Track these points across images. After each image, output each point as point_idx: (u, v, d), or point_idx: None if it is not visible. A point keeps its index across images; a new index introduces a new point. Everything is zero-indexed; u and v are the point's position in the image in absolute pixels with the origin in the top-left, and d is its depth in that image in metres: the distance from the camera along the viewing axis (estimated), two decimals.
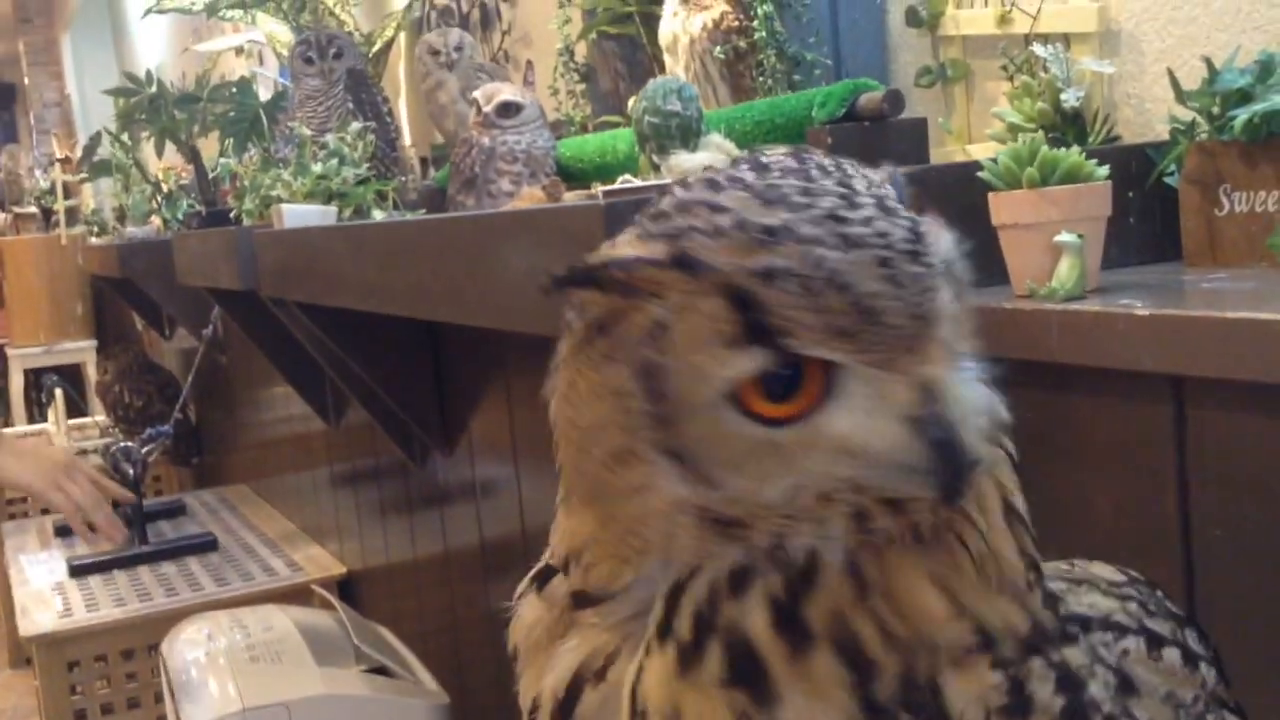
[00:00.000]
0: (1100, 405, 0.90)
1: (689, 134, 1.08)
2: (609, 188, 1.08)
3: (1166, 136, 1.10)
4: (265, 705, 1.79)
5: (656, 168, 1.10)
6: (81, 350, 4.71)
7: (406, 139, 2.91)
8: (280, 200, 1.94)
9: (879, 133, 1.17)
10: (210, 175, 2.78)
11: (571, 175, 1.77)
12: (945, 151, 1.50)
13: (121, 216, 3.85)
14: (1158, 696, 0.57)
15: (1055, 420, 0.94)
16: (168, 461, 4.09)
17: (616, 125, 1.82)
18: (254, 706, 1.78)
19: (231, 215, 2.38)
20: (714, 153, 1.04)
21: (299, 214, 1.88)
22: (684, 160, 1.03)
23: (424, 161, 2.78)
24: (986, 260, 1.03)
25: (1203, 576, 0.84)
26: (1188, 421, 0.83)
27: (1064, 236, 0.92)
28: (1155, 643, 0.59)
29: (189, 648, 2.07)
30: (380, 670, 2.01)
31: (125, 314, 4.76)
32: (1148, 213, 1.12)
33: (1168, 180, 1.10)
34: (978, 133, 1.49)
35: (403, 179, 2.42)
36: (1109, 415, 0.89)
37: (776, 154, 0.52)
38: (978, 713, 0.52)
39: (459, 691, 2.17)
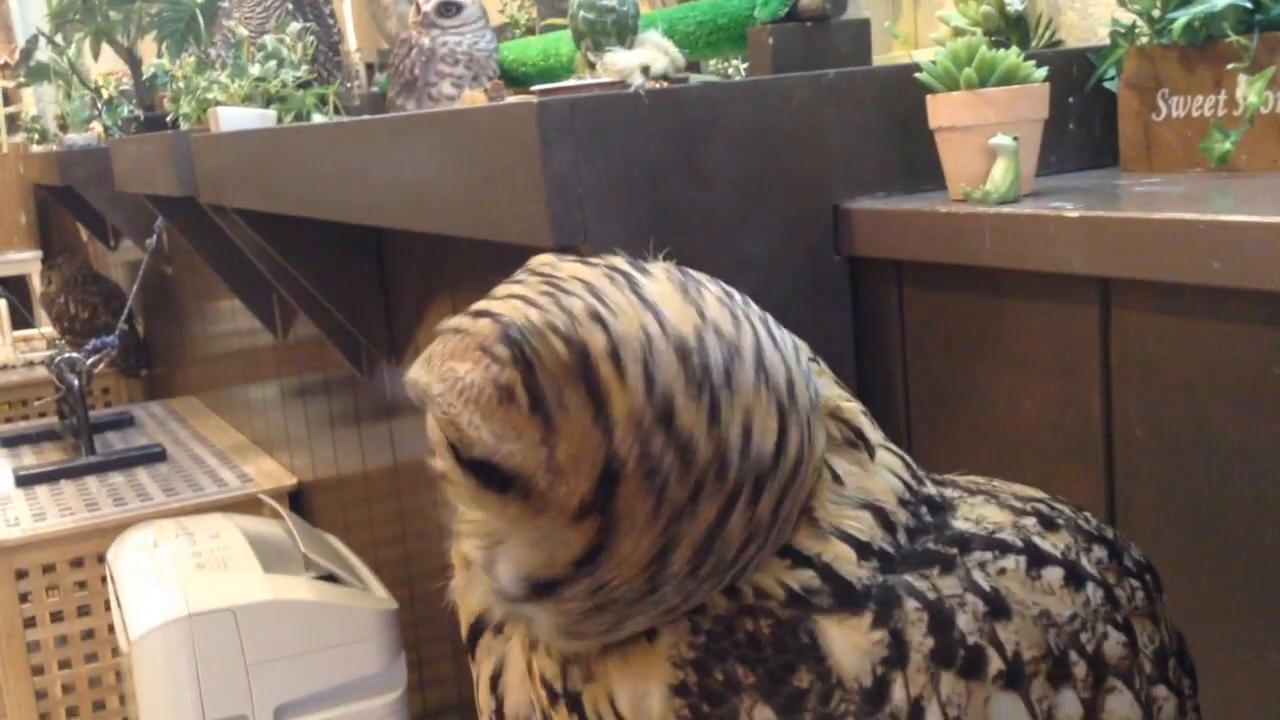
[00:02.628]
0: (1030, 309, 0.90)
1: (625, 31, 1.05)
2: (545, 87, 1.06)
3: (1109, 41, 1.09)
4: (211, 610, 1.79)
5: (592, 66, 1.08)
6: (26, 261, 4.61)
7: (351, 44, 2.84)
8: (217, 103, 1.89)
9: (821, 33, 1.15)
10: (141, 78, 2.69)
11: (515, 79, 1.73)
12: (891, 57, 1.48)
13: (64, 124, 3.74)
14: (1029, 616, 0.59)
15: (987, 324, 0.94)
16: (116, 373, 4.04)
17: (562, 28, 1.78)
18: (200, 612, 1.78)
19: (168, 119, 2.32)
20: (651, 51, 1.02)
21: (236, 117, 1.83)
22: (620, 58, 1.00)
23: (369, 67, 2.71)
24: (923, 166, 1.03)
25: (1123, 475, 0.85)
26: (1112, 323, 0.83)
27: (999, 139, 0.92)
28: (1037, 561, 0.61)
29: (135, 554, 2.06)
30: (329, 577, 2.01)
31: (70, 224, 4.66)
32: (1087, 118, 1.11)
33: (1108, 85, 1.09)
34: (924, 38, 1.47)
35: (347, 85, 2.36)
36: (1038, 318, 0.89)
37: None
38: (867, 672, 0.55)
39: (408, 599, 2.18)
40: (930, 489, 0.62)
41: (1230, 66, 0.94)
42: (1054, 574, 0.61)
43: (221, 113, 1.87)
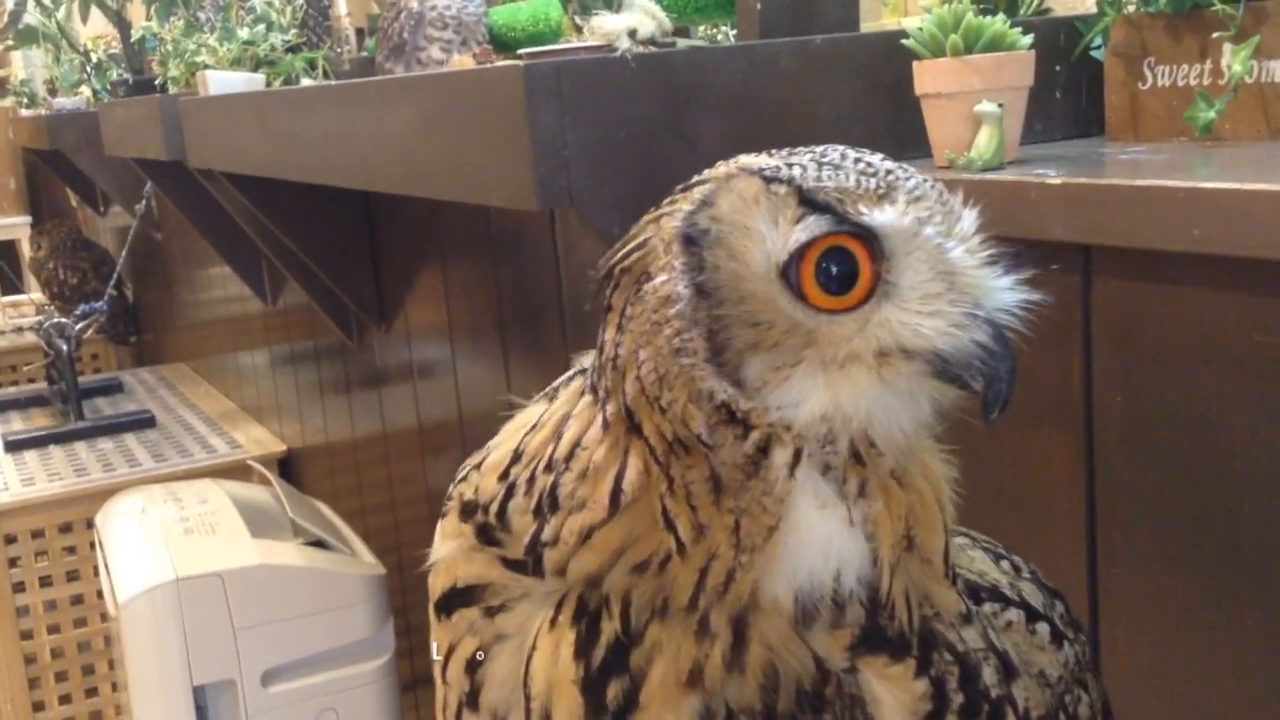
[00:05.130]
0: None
1: None
2: (531, 50, 1.05)
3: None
4: (199, 575, 1.79)
5: (579, 29, 1.07)
6: (15, 226, 4.59)
7: (342, 8, 2.82)
8: (205, 67, 1.88)
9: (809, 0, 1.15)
10: (129, 40, 2.68)
11: (504, 44, 1.73)
12: (881, 24, 1.48)
13: (53, 88, 3.72)
14: (1032, 674, 0.59)
15: None
16: (105, 340, 4.04)
17: None
18: (187, 576, 1.79)
19: (157, 83, 2.31)
20: (639, 15, 1.01)
21: (224, 81, 1.82)
22: (606, 22, 1.00)
23: (359, 33, 2.70)
24: (909, 133, 1.03)
25: (1101, 440, 0.86)
26: (1093, 290, 0.84)
27: (984, 105, 0.92)
28: (1032, 616, 0.61)
29: (123, 519, 2.06)
30: (317, 543, 2.02)
31: (59, 189, 4.64)
32: (1073, 87, 1.11)
33: (1095, 54, 1.09)
34: (914, 6, 1.46)
35: (336, 50, 2.34)
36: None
37: None
38: None
39: (397, 566, 2.19)
40: None
41: (1215, 35, 0.94)
42: (1044, 630, 0.61)
43: (210, 76, 1.86)
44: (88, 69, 3.33)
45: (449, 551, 0.58)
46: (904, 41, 0.98)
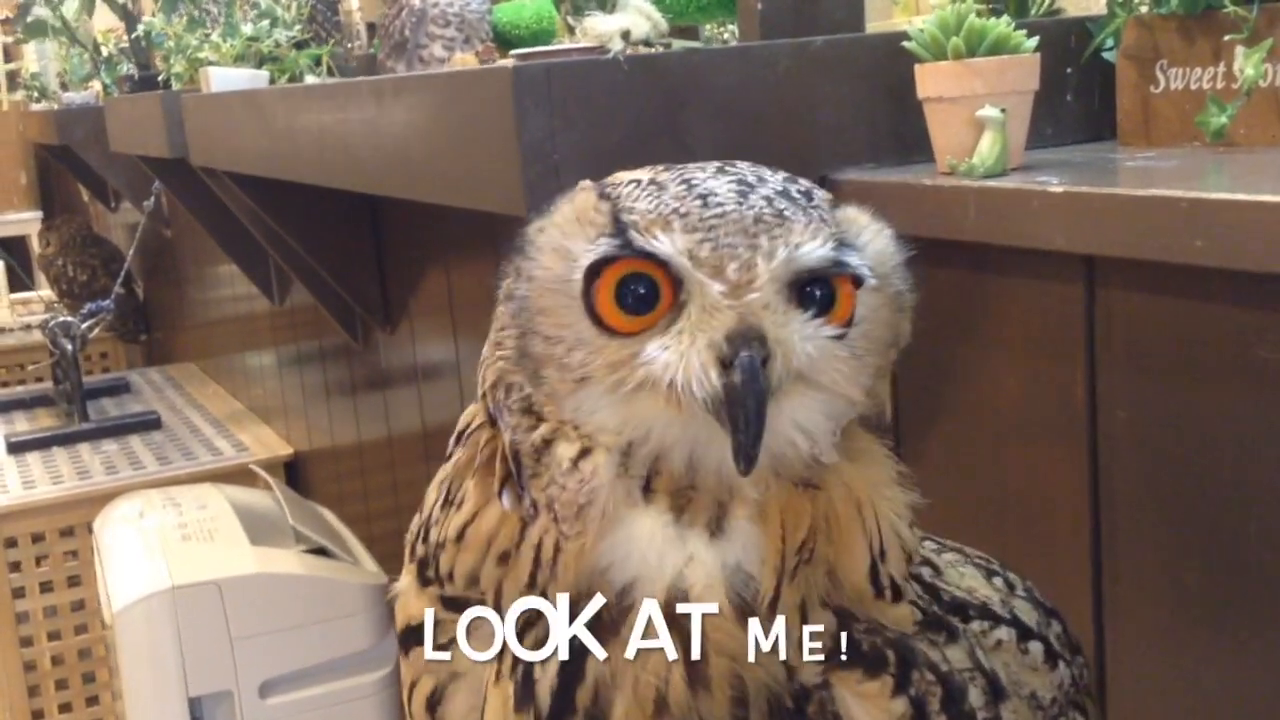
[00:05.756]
0: (1014, 285, 0.87)
1: None
2: (523, 51, 1.03)
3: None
4: (195, 583, 1.77)
5: (572, 30, 1.05)
6: (25, 222, 4.58)
7: (353, 3, 2.80)
8: (208, 63, 1.86)
9: None
10: (134, 35, 2.66)
11: (508, 42, 1.70)
12: (892, 23, 1.44)
13: (65, 82, 3.71)
14: (1022, 695, 0.57)
15: (970, 300, 0.91)
16: (115, 338, 4.02)
17: None
18: (184, 584, 1.76)
19: (160, 79, 2.29)
20: (633, 15, 0.99)
21: (227, 78, 1.80)
22: (599, 22, 0.97)
23: (370, 27, 2.68)
24: (912, 137, 1.00)
25: (1106, 456, 0.83)
26: (1097, 301, 0.81)
27: (986, 110, 0.88)
28: (1024, 635, 0.59)
29: (120, 525, 2.04)
30: (319, 551, 1.99)
31: (71, 184, 4.63)
32: (1085, 90, 1.07)
33: (1106, 56, 1.05)
34: (926, 4, 1.43)
35: (347, 45, 2.32)
36: (1022, 295, 0.86)
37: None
38: None
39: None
40: (928, 548, 0.59)
41: (1228, 38, 0.90)
42: (1037, 649, 0.59)
43: (212, 73, 1.84)
44: (98, 62, 3.32)
45: (404, 587, 0.58)
46: (905, 44, 0.95)
